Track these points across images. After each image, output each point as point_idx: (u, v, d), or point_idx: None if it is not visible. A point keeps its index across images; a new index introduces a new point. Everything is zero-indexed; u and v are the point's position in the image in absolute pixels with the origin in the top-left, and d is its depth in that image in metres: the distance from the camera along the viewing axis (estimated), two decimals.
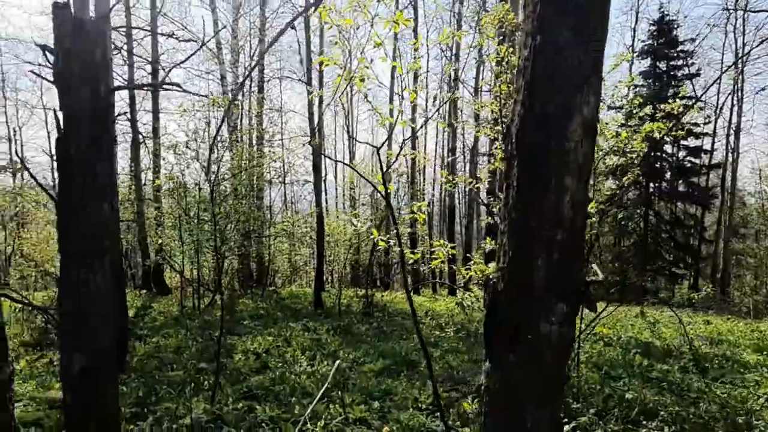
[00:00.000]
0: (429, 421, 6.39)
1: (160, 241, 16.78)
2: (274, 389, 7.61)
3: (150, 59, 17.95)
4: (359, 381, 8.03)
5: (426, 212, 4.71)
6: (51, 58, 3.10)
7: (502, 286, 2.13)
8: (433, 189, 28.24)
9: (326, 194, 23.31)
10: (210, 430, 6.07)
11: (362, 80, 4.09)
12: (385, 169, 4.08)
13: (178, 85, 3.73)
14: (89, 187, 2.82)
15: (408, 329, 12.53)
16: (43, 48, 3.13)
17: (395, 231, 4.09)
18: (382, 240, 4.02)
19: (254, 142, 21.30)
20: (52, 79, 3.08)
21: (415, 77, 19.54)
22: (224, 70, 21.81)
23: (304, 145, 17.42)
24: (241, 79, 22.35)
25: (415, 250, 4.13)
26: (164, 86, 4.26)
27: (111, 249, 3.33)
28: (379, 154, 4.19)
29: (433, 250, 4.27)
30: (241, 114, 22.54)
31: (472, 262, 4.43)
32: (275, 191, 26.80)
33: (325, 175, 25.44)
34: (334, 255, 21.23)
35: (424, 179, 23.47)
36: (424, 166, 23.42)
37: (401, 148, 4.12)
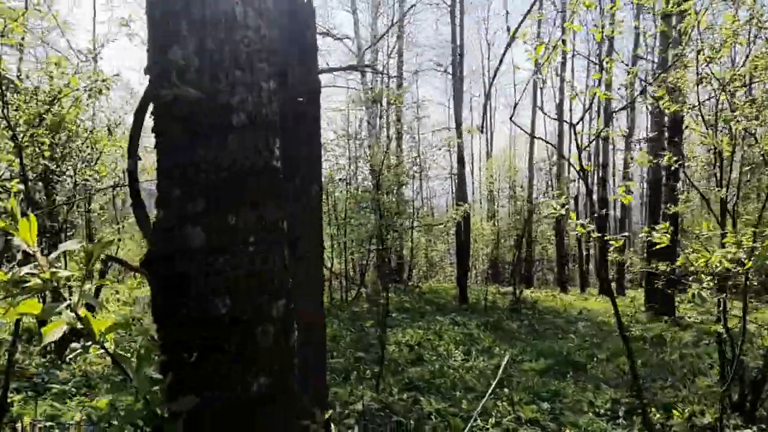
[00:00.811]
0: (610, 427, 5.88)
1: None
2: (435, 382, 7.52)
3: None
4: (522, 380, 7.66)
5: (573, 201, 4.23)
6: None
7: None
8: (577, 183, 26.47)
9: None
10: (380, 418, 6.11)
11: (559, 49, 3.76)
12: (582, 147, 3.72)
13: (372, 66, 3.68)
14: (304, 170, 2.82)
15: (563, 328, 11.83)
16: None
17: (595, 215, 3.70)
18: (581, 225, 3.66)
19: (394, 138, 21.60)
20: None
21: (563, 63, 18.44)
22: (364, 68, 22.39)
23: (446, 140, 17.25)
24: (380, 77, 22.82)
25: (618, 237, 3.71)
26: (360, 68, 4.37)
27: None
28: (574, 130, 3.82)
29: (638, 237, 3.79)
30: (380, 111, 22.98)
31: (690, 250, 3.86)
32: (411, 187, 27.03)
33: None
34: (473, 250, 20.87)
35: (569, 172, 22.12)
36: (570, 158, 22.05)
37: (605, 125, 3.72)
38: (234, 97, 1.41)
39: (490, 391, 6.21)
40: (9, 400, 5.10)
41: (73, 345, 1.08)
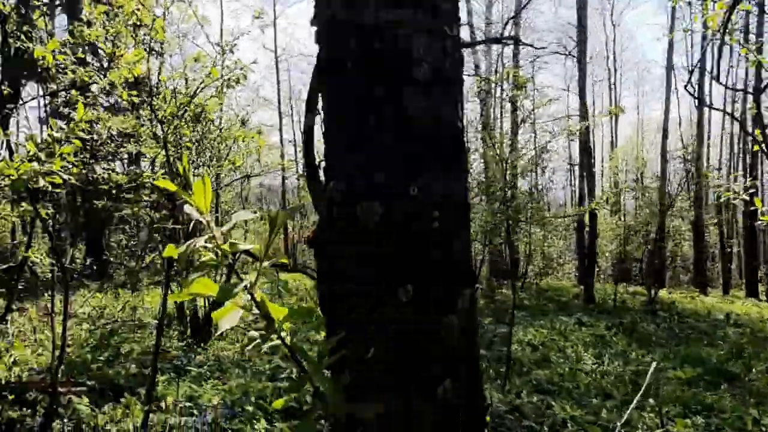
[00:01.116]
0: None
1: None
2: (565, 386, 7.00)
3: None
4: (667, 389, 6.88)
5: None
6: None
7: None
8: (719, 172, 23.57)
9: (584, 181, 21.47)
10: (510, 421, 5.75)
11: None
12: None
13: (514, 38, 3.35)
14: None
15: (707, 333, 10.60)
16: None
17: None
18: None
19: (509, 129, 20.81)
20: None
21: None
22: (478, 59, 21.79)
23: (569, 128, 16.17)
24: (493, 68, 22.13)
25: None
26: (503, 41, 4.13)
27: None
28: (758, 102, 3.21)
29: None
30: (494, 102, 22.24)
31: None
32: (526, 180, 25.87)
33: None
34: (597, 247, 19.48)
35: (708, 161, 19.89)
36: (709, 144, 19.76)
37: None
38: (414, 45, 1.19)
39: (636, 399, 5.61)
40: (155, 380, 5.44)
41: (252, 334, 0.93)
